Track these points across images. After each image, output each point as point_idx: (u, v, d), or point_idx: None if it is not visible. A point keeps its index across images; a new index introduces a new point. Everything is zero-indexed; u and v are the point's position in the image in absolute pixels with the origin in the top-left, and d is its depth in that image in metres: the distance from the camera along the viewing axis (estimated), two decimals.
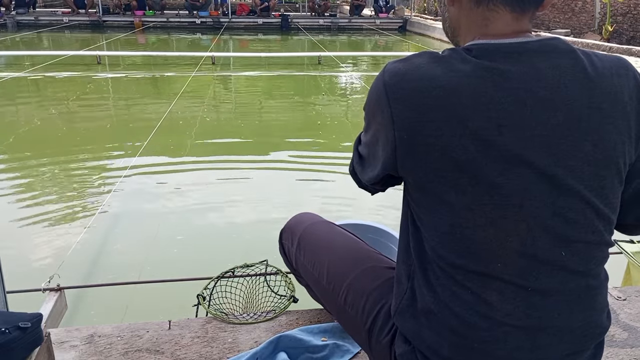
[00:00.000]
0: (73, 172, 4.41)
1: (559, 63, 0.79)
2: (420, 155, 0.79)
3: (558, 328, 0.82)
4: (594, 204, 0.80)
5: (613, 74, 0.81)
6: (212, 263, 2.74)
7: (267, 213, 3.61)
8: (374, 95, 0.84)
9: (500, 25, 0.82)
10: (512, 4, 0.81)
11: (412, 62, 0.81)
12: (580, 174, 0.78)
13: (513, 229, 0.78)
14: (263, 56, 11.14)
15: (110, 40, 13.47)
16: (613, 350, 1.49)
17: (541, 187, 0.77)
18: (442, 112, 0.76)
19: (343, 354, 1.46)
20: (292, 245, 1.35)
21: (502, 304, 0.80)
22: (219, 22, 16.94)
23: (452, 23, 0.92)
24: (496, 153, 0.76)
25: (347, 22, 18.04)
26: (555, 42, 0.81)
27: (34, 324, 1.21)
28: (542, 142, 0.77)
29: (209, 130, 5.92)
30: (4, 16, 15.80)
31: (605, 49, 9.47)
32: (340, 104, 7.48)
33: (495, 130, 0.75)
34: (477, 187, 0.77)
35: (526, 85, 0.77)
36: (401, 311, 0.91)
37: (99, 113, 6.66)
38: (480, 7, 0.83)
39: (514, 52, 0.79)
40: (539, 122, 0.77)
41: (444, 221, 0.80)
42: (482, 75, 0.77)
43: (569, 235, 0.79)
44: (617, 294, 1.77)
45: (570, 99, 0.78)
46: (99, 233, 3.25)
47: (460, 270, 0.81)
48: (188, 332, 1.56)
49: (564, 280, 0.81)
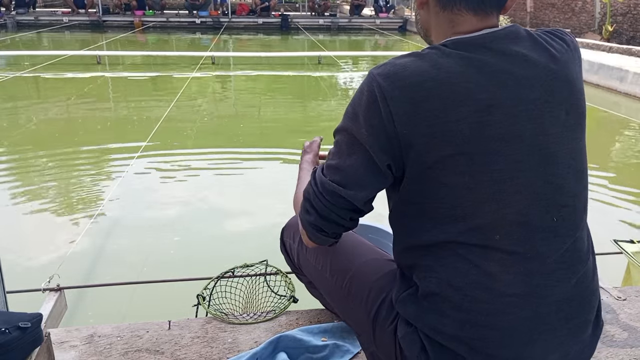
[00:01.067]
0: (73, 172, 4.41)
1: (524, 44, 0.87)
2: (421, 146, 0.83)
3: (556, 297, 0.86)
4: (574, 167, 0.88)
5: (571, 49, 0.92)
6: (212, 263, 2.74)
7: (268, 213, 3.61)
8: (366, 100, 0.86)
9: (466, 26, 0.90)
10: (474, 8, 0.89)
11: (397, 63, 0.86)
12: (560, 140, 0.86)
13: (510, 201, 0.83)
14: (263, 56, 11.14)
15: (110, 40, 13.47)
16: (613, 350, 1.49)
17: (532, 158, 0.84)
18: (437, 101, 0.82)
19: (343, 354, 1.46)
20: (294, 241, 1.36)
21: (503, 274, 0.84)
22: (218, 22, 16.94)
23: (423, 25, 0.99)
24: (490, 131, 0.82)
25: (347, 22, 18.04)
26: (516, 28, 0.89)
27: (34, 324, 1.21)
28: (527, 115, 0.84)
29: (209, 130, 5.92)
30: (4, 16, 15.81)
31: (605, 48, 9.47)
32: (340, 103, 7.48)
33: (485, 111, 0.82)
34: (474, 166, 0.82)
35: (503, 68, 0.84)
36: (402, 299, 0.94)
37: (99, 113, 6.66)
38: (446, 11, 0.91)
39: (484, 42, 0.86)
40: (521, 98, 0.84)
41: (445, 204, 0.84)
42: (464, 64, 0.84)
43: (558, 200, 0.86)
44: (617, 294, 1.76)
45: (542, 75, 0.86)
46: (99, 233, 3.25)
47: (462, 246, 0.84)
48: (188, 332, 1.56)
49: (557, 246, 0.86)
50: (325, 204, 0.91)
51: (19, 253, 3.06)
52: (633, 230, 3.43)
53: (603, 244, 2.04)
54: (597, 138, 1.06)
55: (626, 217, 3.62)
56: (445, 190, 0.84)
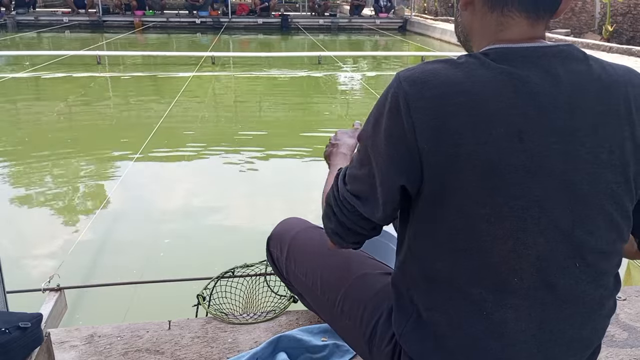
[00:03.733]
0: (73, 172, 4.41)
1: (575, 68, 0.78)
2: (441, 166, 0.74)
3: (569, 339, 0.82)
4: (609, 213, 0.79)
5: (627, 81, 0.80)
6: (212, 263, 2.73)
7: (268, 213, 3.61)
8: (389, 106, 0.77)
9: (515, 31, 0.81)
10: (527, 9, 0.80)
11: (428, 69, 0.77)
12: (597, 181, 0.77)
13: (532, 241, 0.76)
14: (263, 56, 11.14)
15: (110, 40, 13.47)
16: (613, 350, 1.49)
17: (560, 197, 0.75)
18: (466, 118, 0.73)
19: (343, 354, 1.46)
20: (282, 254, 1.29)
21: (517, 321, 0.78)
22: (219, 22, 16.94)
23: (465, 28, 0.89)
24: (516, 161, 0.73)
25: (347, 22, 18.03)
26: (570, 49, 0.80)
27: (34, 324, 1.21)
28: (561, 149, 0.75)
29: (209, 130, 5.92)
30: (4, 16, 15.80)
31: (605, 48, 9.47)
32: (340, 103, 7.48)
33: (516, 137, 0.73)
34: (496, 198, 0.74)
35: (545, 90, 0.75)
36: (406, 334, 0.88)
37: (99, 113, 6.66)
38: (495, 13, 0.81)
39: (531, 56, 0.77)
40: (558, 128, 0.75)
41: (461, 236, 0.77)
42: (502, 80, 0.75)
43: (585, 246, 0.78)
44: (617, 294, 1.77)
45: (587, 105, 0.77)
46: (99, 233, 3.25)
47: (475, 289, 0.78)
48: (188, 332, 1.56)
49: (578, 293, 0.80)
50: (346, 214, 0.86)
51: (19, 253, 3.06)
52: None
53: None
54: None
55: None
56: (463, 220, 0.76)
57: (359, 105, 7.26)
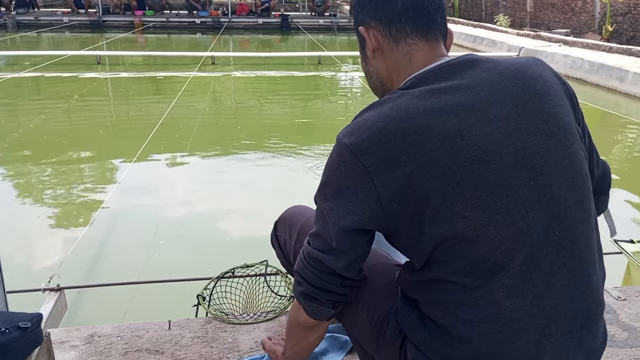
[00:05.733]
0: (73, 172, 4.41)
1: (485, 67, 0.87)
2: (404, 190, 0.80)
3: (561, 314, 0.84)
4: (567, 176, 0.84)
5: (531, 64, 0.89)
6: (212, 263, 2.73)
7: (268, 213, 3.60)
8: (337, 162, 0.85)
9: (421, 55, 0.91)
10: (422, 34, 0.90)
11: (358, 120, 0.85)
12: (545, 150, 0.83)
13: (509, 220, 0.80)
14: (263, 56, 11.14)
15: (110, 40, 13.47)
16: (613, 350, 1.49)
17: (518, 174, 0.81)
18: (405, 139, 0.80)
19: (341, 345, 1.46)
20: (290, 237, 1.28)
21: (510, 299, 0.81)
22: (219, 22, 16.94)
23: (378, 74, 0.97)
24: (466, 155, 0.79)
25: (347, 22, 18.03)
26: (471, 55, 0.89)
27: (34, 324, 1.21)
28: (502, 132, 0.81)
29: (209, 130, 5.92)
30: (4, 16, 15.80)
31: (605, 48, 9.47)
32: (340, 103, 7.48)
33: (457, 136, 0.80)
34: (462, 193, 0.79)
35: (467, 91, 0.83)
36: (409, 324, 0.92)
37: (99, 113, 6.66)
38: (400, 45, 0.91)
39: (441, 72, 0.86)
40: (492, 116, 0.82)
41: (448, 241, 0.81)
42: (424, 97, 0.82)
43: (557, 212, 0.83)
44: (617, 294, 1.77)
45: (509, 90, 0.84)
46: (99, 233, 3.25)
47: (469, 278, 0.82)
48: (188, 332, 1.56)
49: (561, 261, 0.83)
50: (313, 272, 0.91)
51: (19, 253, 3.06)
52: (633, 230, 3.43)
53: (603, 244, 2.03)
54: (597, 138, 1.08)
55: (626, 217, 3.62)
56: (443, 226, 0.80)
57: (358, 105, 7.25)
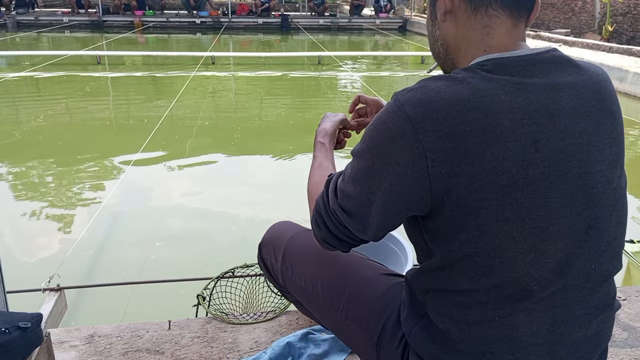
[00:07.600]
0: (73, 172, 4.41)
1: (570, 71, 0.79)
2: (460, 188, 0.72)
3: (574, 339, 0.81)
4: (616, 208, 0.80)
5: (607, 78, 0.84)
6: (212, 263, 2.74)
7: (268, 213, 3.61)
8: (392, 133, 0.74)
9: (502, 33, 0.80)
10: (510, 7, 0.79)
11: (430, 88, 0.73)
12: (606, 179, 0.78)
13: (552, 250, 0.75)
14: (263, 56, 11.14)
15: (110, 40, 13.47)
16: (613, 351, 1.49)
17: (576, 200, 0.75)
18: (481, 136, 0.70)
19: (343, 347, 1.46)
20: (276, 260, 1.21)
21: (529, 324, 0.77)
22: (219, 22, 16.94)
23: (445, 41, 0.86)
24: (534, 170, 0.72)
25: (347, 22, 18.03)
26: (557, 54, 0.80)
27: (34, 324, 1.21)
28: (574, 151, 0.74)
29: (209, 129, 5.92)
30: (4, 16, 15.80)
31: (605, 48, 9.47)
32: (340, 103, 7.48)
33: (532, 147, 0.72)
34: (518, 212, 0.72)
35: (550, 96, 0.75)
36: (416, 333, 0.87)
37: (99, 113, 6.66)
38: (479, 14, 0.80)
39: (528, 65, 0.77)
40: (567, 131, 0.74)
41: (482, 255, 0.75)
42: (510, 91, 0.73)
43: (599, 246, 0.78)
44: (617, 294, 1.77)
45: (588, 105, 0.77)
46: (99, 233, 3.25)
47: (492, 298, 0.77)
48: (188, 332, 1.56)
49: (587, 292, 0.80)
50: (336, 225, 0.85)
51: (19, 253, 3.06)
52: (633, 230, 3.43)
53: None
54: None
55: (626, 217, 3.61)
56: (485, 239, 0.73)
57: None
